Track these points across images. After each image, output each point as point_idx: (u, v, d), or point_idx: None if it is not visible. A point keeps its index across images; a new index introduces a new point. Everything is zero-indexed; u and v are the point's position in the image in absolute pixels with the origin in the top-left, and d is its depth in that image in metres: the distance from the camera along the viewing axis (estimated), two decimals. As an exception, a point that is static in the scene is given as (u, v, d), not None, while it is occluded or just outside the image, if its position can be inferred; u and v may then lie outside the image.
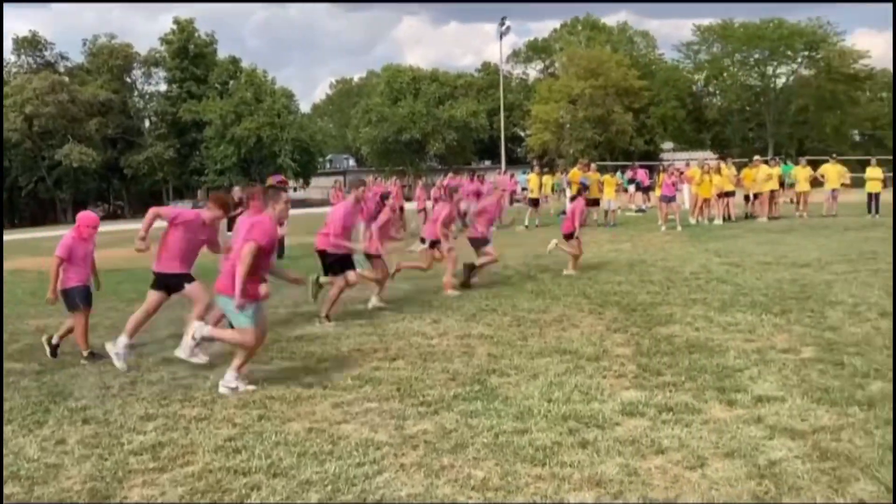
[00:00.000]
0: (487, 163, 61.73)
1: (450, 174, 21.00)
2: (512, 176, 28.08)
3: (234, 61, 56.60)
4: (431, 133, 56.40)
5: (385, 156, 58.34)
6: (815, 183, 20.79)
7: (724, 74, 57.61)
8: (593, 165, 20.78)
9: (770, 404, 4.55)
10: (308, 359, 6.23)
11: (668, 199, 18.36)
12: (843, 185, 20.63)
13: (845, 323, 6.76)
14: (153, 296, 6.39)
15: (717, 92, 59.66)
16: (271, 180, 13.89)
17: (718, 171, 19.09)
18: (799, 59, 55.68)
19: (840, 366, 5.35)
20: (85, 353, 6.44)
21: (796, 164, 23.23)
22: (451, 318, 7.65)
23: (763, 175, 19.63)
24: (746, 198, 20.26)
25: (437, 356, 6.04)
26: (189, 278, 6.37)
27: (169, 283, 6.36)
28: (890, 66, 63.91)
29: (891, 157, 35.45)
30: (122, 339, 6.22)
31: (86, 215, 6.73)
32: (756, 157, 22.42)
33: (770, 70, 56.40)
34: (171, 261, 6.33)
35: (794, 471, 3.58)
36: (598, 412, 4.50)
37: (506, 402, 4.75)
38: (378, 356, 6.11)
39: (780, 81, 56.99)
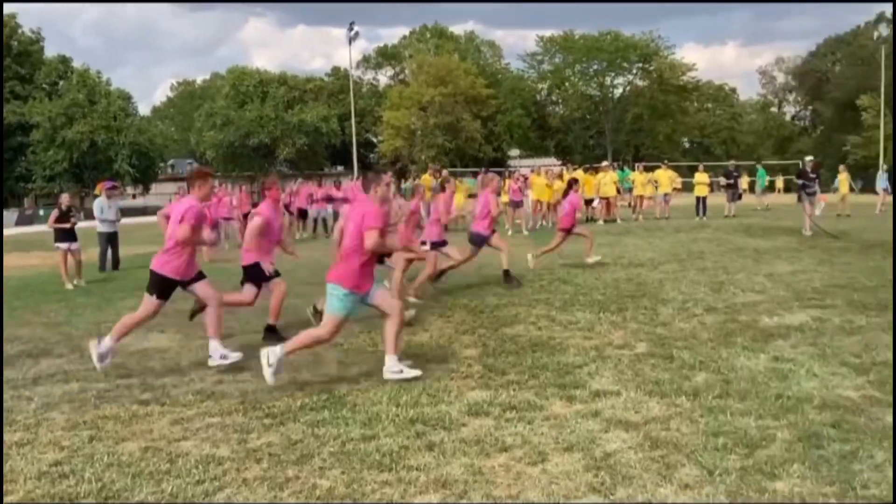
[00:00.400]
0: (340, 168, 61.29)
1: (299, 180, 20.61)
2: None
3: (64, 60, 52.86)
4: (281, 137, 55.27)
5: (232, 161, 56.57)
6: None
7: (566, 84, 60.26)
8: (444, 171, 21.09)
9: (606, 398, 4.78)
10: (146, 374, 5.90)
11: (516, 205, 18.95)
12: (674, 189, 22.11)
13: (675, 319, 7.22)
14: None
15: (560, 101, 62.35)
16: (100, 188, 13.14)
17: (560, 177, 19.91)
18: (634, 71, 59.15)
19: (670, 359, 5.70)
20: None
21: (633, 169, 24.65)
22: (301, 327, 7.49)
23: (609, 180, 20.73)
24: (586, 202, 21.22)
25: (284, 366, 5.89)
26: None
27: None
28: (713, 79, 69.29)
29: (717, 163, 38.29)
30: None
31: None
32: (604, 163, 23.64)
33: (608, 80, 59.58)
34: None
35: (627, 461, 3.77)
36: (444, 414, 4.55)
37: (354, 410, 4.71)
38: (221, 369, 5.89)
39: (618, 91, 60.31)
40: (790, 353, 5.74)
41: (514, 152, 62.50)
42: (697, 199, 21.02)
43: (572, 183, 11.87)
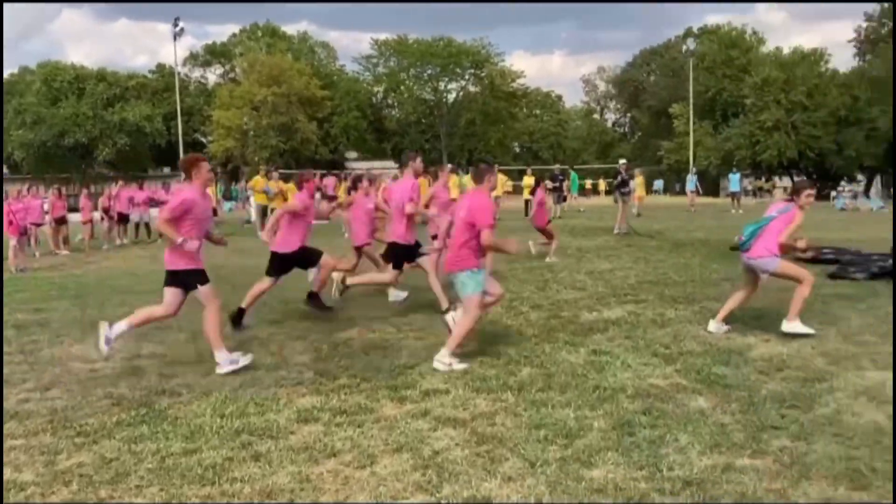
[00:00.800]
0: (167, 170, 58.31)
1: (120, 182, 19.41)
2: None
3: None
4: (100, 137, 51.79)
5: (45, 161, 52.32)
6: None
7: (402, 88, 60.77)
8: (275, 174, 20.61)
9: (436, 397, 4.85)
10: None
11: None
12: (505, 192, 22.87)
13: (503, 317, 7.45)
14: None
15: (396, 104, 62.80)
16: None
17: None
18: (466, 77, 60.59)
19: (497, 356, 5.87)
20: None
21: (467, 173, 25.21)
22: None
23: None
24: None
25: (100, 381, 5.52)
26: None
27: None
28: (541, 86, 72.35)
29: (544, 167, 40.02)
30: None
31: None
32: (449, 165, 23.98)
33: (442, 85, 60.66)
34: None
35: (453, 458, 3.84)
36: (272, 423, 4.44)
37: (175, 423, 4.48)
38: (27, 387, 5.42)
39: (451, 96, 61.55)
40: (607, 346, 6.08)
41: (352, 154, 62.26)
42: (526, 201, 21.88)
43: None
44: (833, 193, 36.07)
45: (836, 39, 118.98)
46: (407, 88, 60.46)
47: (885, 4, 50.20)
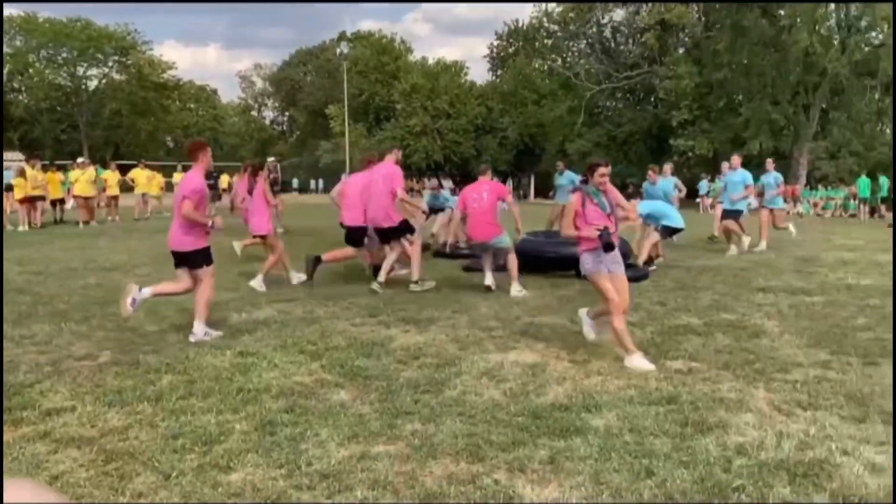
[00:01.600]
0: None
1: None
2: None
3: None
4: None
5: None
6: (127, 187, 21.20)
7: (31, 71, 54.22)
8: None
9: (59, 416, 4.37)
10: None
11: None
12: (162, 189, 21.56)
13: (144, 323, 6.98)
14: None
15: (24, 89, 55.78)
16: None
17: (23, 174, 17.76)
18: (110, 63, 56.03)
19: (136, 365, 5.47)
20: None
21: (107, 167, 23.29)
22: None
23: (87, 178, 19.18)
24: (53, 203, 19.32)
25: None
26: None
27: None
28: (195, 79, 69.56)
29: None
30: None
31: None
32: (80, 159, 21.80)
33: (81, 71, 55.36)
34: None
35: (76, 481, 3.49)
36: None
37: None
38: None
39: (93, 84, 56.48)
40: (255, 347, 6.00)
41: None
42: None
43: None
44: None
45: (472, 54, 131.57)
46: (37, 72, 54.03)
47: (512, 25, 56.72)
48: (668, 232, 11.01)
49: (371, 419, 4.33)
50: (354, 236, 9.34)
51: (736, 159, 13.49)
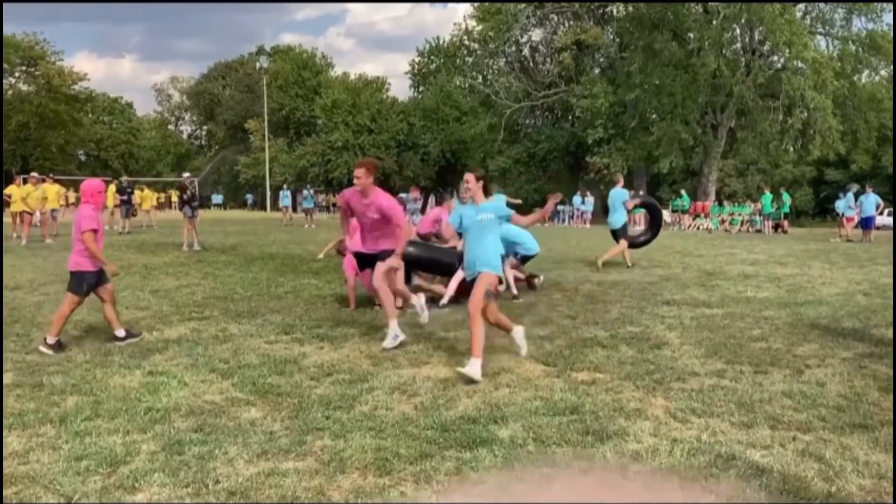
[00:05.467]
0: None
1: None
2: None
3: None
4: None
5: None
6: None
7: (-69, 80, 51.79)
8: None
9: (-44, 441, 4.25)
10: None
11: None
12: (61, 204, 20.87)
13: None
14: None
15: (-77, 99, 53.23)
16: None
17: None
18: (17, 74, 53.99)
19: (39, 387, 5.35)
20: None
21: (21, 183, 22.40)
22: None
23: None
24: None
25: None
26: None
27: None
28: (109, 91, 67.64)
29: (115, 178, 37.37)
30: None
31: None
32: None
33: (-14, 82, 53.13)
34: None
35: (-28, 507, 3.42)
36: None
37: None
38: None
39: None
40: (165, 366, 5.94)
41: None
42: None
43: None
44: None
45: (394, 70, 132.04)
46: (-62, 81, 51.69)
47: (433, 42, 57.28)
48: (524, 260, 10.28)
49: (281, 436, 4.36)
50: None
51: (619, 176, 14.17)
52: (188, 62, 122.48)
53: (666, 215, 32.75)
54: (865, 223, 22.14)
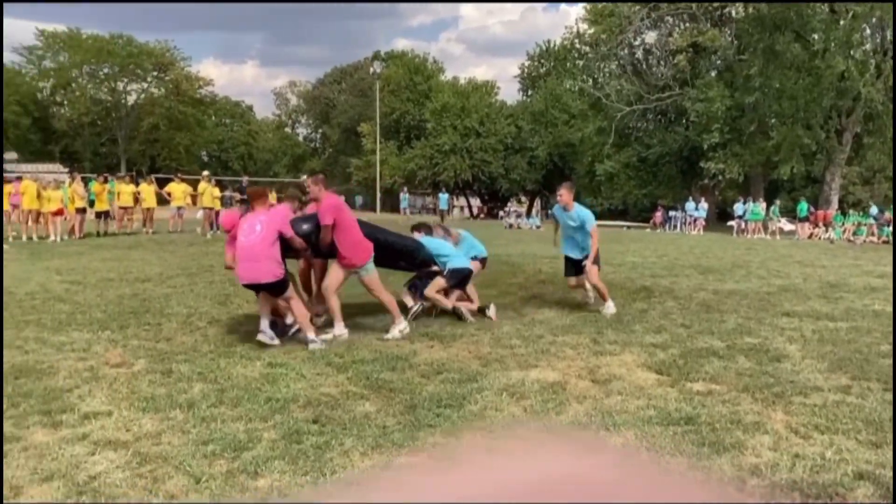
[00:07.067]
0: None
1: None
2: None
3: None
4: None
5: None
6: (162, 200, 21.65)
7: (73, 85, 55.61)
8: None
9: (96, 420, 4.57)
10: None
11: None
12: (187, 203, 21.98)
13: (178, 333, 7.20)
14: None
15: (66, 102, 57.19)
16: None
17: (58, 186, 18.38)
18: (149, 79, 57.25)
19: (168, 374, 5.67)
20: None
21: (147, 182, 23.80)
22: None
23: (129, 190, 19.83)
24: (99, 214, 19.93)
25: None
26: None
27: None
28: (231, 95, 70.72)
29: (235, 178, 39.13)
30: None
31: None
32: (120, 174, 22.42)
33: (121, 86, 56.63)
34: None
35: (112, 481, 3.67)
36: None
37: None
38: None
39: (132, 98, 57.70)
40: (284, 359, 6.17)
41: (12, 156, 55.37)
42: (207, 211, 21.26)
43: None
44: (501, 213, 39.92)
45: (504, 74, 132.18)
46: (79, 86, 55.43)
47: (543, 45, 57.03)
48: (456, 276, 8.20)
49: (394, 431, 4.46)
50: None
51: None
52: (306, 67, 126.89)
53: (785, 224, 31.42)
54: None
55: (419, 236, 8.47)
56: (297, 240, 6.89)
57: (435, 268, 8.21)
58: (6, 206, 18.20)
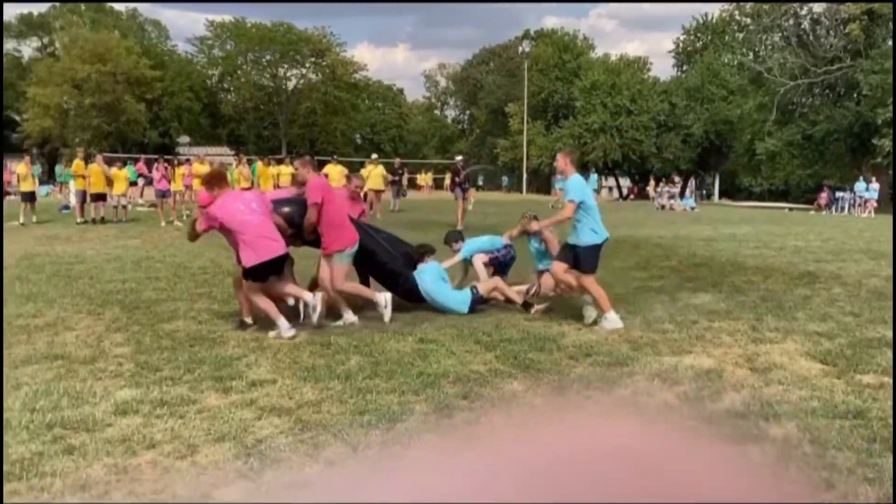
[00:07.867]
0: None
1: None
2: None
3: None
4: None
5: None
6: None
7: (238, 72, 59.00)
8: (99, 157, 19.46)
9: (262, 387, 4.87)
10: None
11: (162, 194, 18.40)
12: (344, 185, 22.78)
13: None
14: None
15: (232, 89, 60.83)
16: None
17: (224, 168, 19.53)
18: (307, 65, 59.75)
19: (327, 346, 5.95)
20: None
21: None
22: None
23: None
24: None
25: None
26: None
27: None
28: (383, 79, 72.57)
29: (387, 160, 40.24)
30: None
31: None
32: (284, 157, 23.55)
33: (281, 72, 59.46)
34: None
35: (277, 445, 3.90)
36: (88, 415, 4.30)
37: (-22, 419, 4.24)
38: None
39: (291, 84, 60.45)
40: (434, 335, 6.31)
41: (184, 139, 59.64)
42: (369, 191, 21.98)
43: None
44: (652, 194, 38.67)
45: (657, 49, 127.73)
46: (244, 73, 58.78)
47: (701, 20, 54.57)
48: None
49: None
50: None
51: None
52: (456, 49, 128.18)
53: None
54: None
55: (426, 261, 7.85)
56: (278, 219, 6.72)
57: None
58: (179, 186, 19.56)
